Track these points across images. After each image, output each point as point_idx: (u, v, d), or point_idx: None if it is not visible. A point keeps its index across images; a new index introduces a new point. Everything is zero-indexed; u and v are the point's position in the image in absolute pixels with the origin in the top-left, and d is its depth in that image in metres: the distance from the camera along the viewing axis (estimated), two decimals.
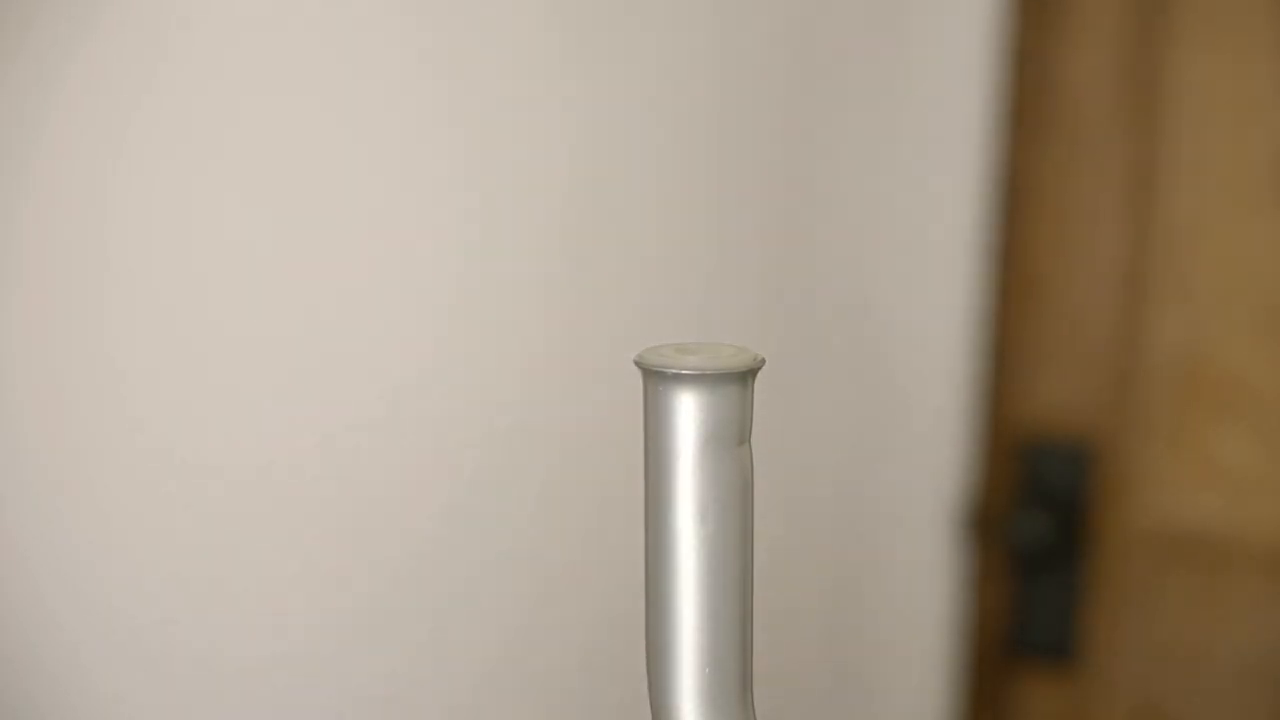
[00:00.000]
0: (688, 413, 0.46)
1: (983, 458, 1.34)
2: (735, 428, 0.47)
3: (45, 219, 0.71)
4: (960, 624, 1.36)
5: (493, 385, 0.92)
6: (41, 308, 0.72)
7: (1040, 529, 1.32)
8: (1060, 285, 1.31)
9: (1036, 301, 1.32)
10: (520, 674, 0.96)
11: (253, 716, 0.83)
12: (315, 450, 0.84)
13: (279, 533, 0.83)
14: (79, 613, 0.75)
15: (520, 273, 0.92)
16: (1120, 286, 1.29)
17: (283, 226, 0.81)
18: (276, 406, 0.81)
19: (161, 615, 0.78)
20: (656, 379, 0.47)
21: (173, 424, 0.77)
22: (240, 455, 0.80)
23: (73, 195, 0.72)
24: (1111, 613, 1.33)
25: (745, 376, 0.47)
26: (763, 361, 0.48)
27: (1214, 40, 1.24)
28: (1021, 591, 1.35)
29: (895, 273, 1.29)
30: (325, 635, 0.86)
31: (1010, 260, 1.32)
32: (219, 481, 0.79)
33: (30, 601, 0.73)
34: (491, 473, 0.93)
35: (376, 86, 0.83)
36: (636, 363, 0.48)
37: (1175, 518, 1.30)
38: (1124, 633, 1.33)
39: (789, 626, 1.21)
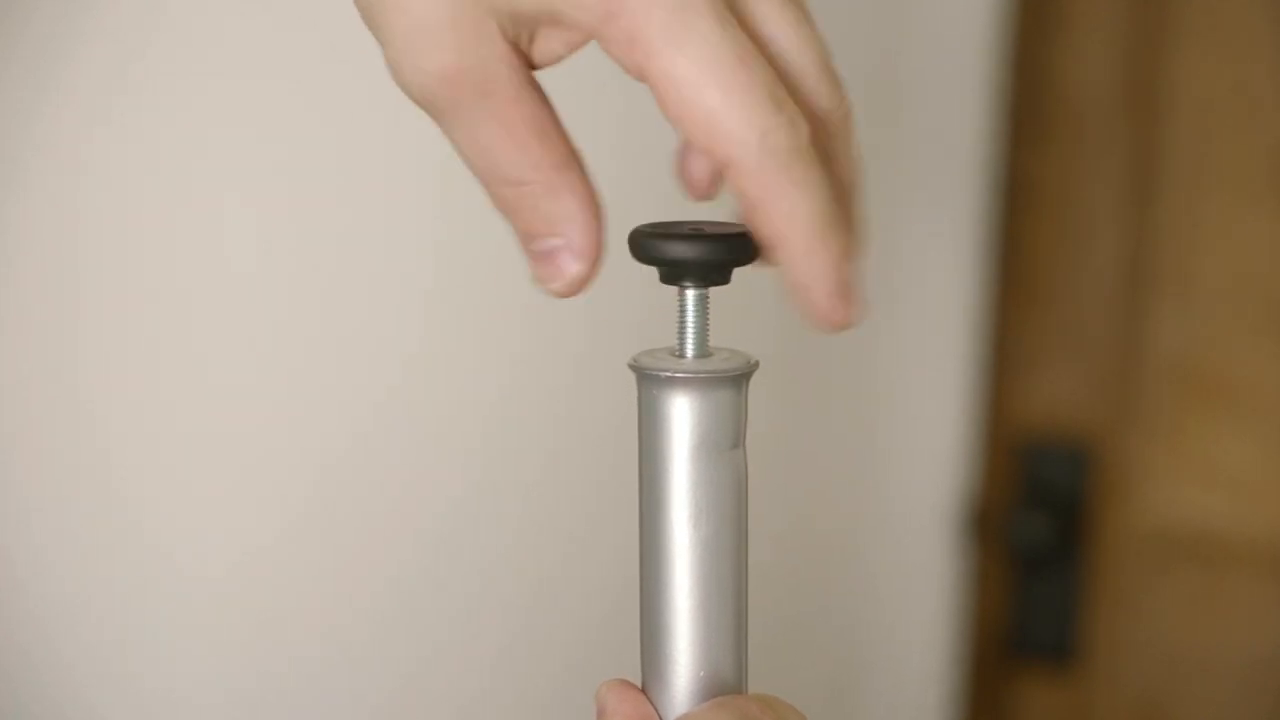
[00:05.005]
0: (681, 416, 0.47)
1: (983, 458, 1.34)
2: (729, 431, 0.47)
3: (43, 217, 0.71)
4: (960, 624, 1.36)
5: (486, 389, 0.92)
6: (34, 308, 0.72)
7: (1040, 529, 1.32)
8: (1060, 285, 1.31)
9: (1036, 301, 1.32)
10: (513, 678, 0.96)
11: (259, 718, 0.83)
12: (310, 455, 0.84)
13: (278, 537, 0.83)
14: (76, 617, 0.75)
15: (515, 274, 0.92)
16: (1120, 286, 1.29)
17: (273, 229, 0.81)
18: (269, 410, 0.81)
19: (161, 622, 0.78)
20: (651, 382, 0.47)
21: (162, 430, 0.77)
22: (234, 458, 0.80)
23: (69, 195, 0.72)
24: (1111, 613, 1.33)
25: (739, 380, 0.47)
26: (757, 364, 0.48)
27: (1214, 40, 1.24)
28: (1021, 591, 1.35)
29: (894, 272, 1.29)
30: (328, 641, 0.86)
31: (1010, 260, 1.32)
32: (214, 485, 0.79)
33: (27, 608, 0.73)
34: (485, 476, 0.93)
35: (364, 84, 0.83)
36: (631, 365, 0.48)
37: (1175, 518, 1.30)
38: (1124, 633, 1.33)
39: (787, 628, 1.21)
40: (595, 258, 0.46)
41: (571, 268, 0.47)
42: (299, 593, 0.84)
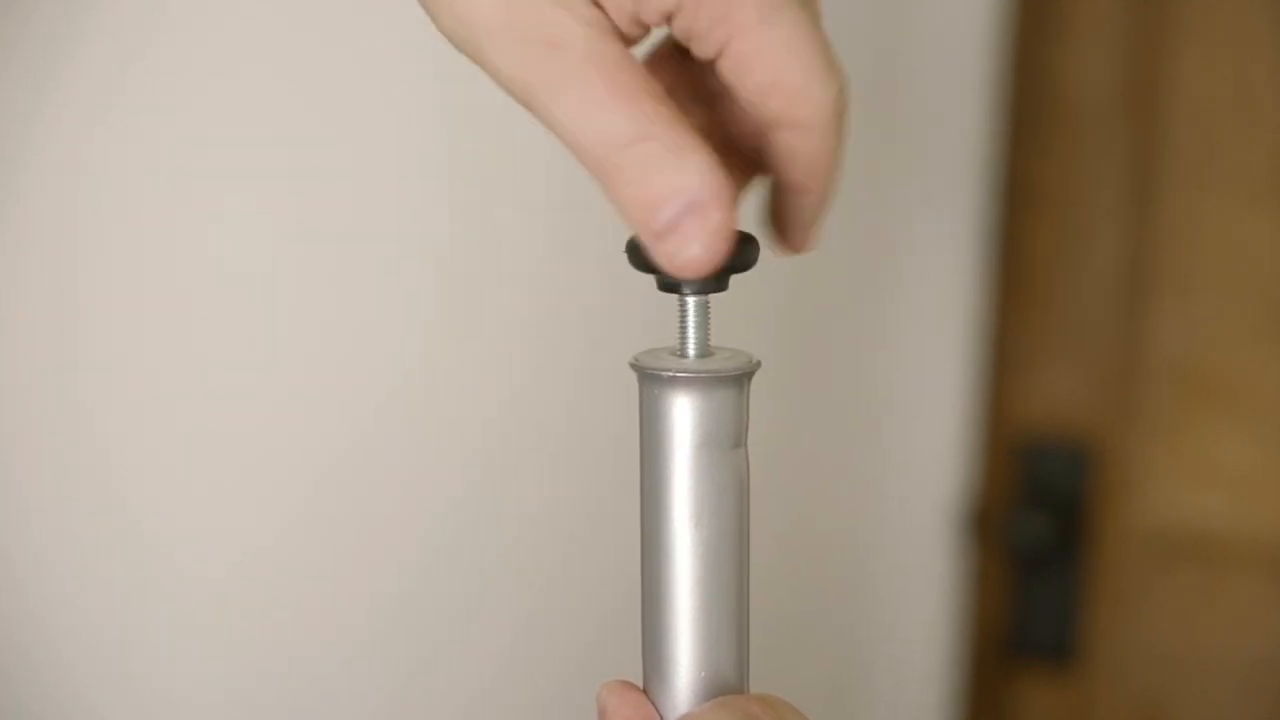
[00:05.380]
0: (683, 416, 0.47)
1: (982, 458, 1.34)
2: (731, 431, 0.47)
3: (43, 217, 0.71)
4: (960, 624, 1.36)
5: (487, 389, 0.92)
6: (33, 308, 0.72)
7: (1040, 529, 1.32)
8: (1060, 285, 1.31)
9: (1036, 301, 1.32)
10: (514, 679, 0.96)
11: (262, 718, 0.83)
12: (310, 455, 0.83)
13: (278, 537, 0.83)
14: (76, 617, 0.75)
15: (517, 274, 0.92)
16: (1120, 286, 1.29)
17: (274, 229, 0.81)
18: (270, 410, 0.81)
19: (161, 622, 0.78)
20: (652, 381, 0.47)
21: (162, 430, 0.77)
22: (234, 458, 0.80)
23: (69, 195, 0.72)
24: (1111, 613, 1.33)
25: (741, 379, 0.47)
26: (758, 364, 0.48)
27: (1214, 40, 1.24)
28: (1021, 591, 1.35)
29: (894, 273, 1.28)
30: (328, 641, 0.86)
31: (1010, 260, 1.32)
32: (214, 485, 0.79)
33: (27, 608, 0.73)
34: (485, 477, 0.93)
35: (367, 86, 0.83)
36: (632, 365, 0.48)
37: (1175, 518, 1.30)
38: (1124, 633, 1.33)
39: (788, 628, 1.21)
40: (734, 203, 0.44)
41: (711, 218, 0.44)
42: (299, 593, 0.84)
